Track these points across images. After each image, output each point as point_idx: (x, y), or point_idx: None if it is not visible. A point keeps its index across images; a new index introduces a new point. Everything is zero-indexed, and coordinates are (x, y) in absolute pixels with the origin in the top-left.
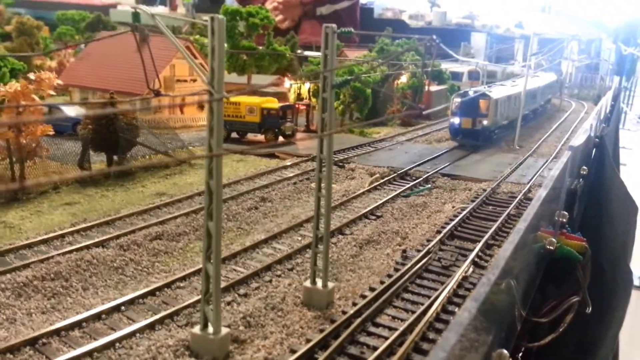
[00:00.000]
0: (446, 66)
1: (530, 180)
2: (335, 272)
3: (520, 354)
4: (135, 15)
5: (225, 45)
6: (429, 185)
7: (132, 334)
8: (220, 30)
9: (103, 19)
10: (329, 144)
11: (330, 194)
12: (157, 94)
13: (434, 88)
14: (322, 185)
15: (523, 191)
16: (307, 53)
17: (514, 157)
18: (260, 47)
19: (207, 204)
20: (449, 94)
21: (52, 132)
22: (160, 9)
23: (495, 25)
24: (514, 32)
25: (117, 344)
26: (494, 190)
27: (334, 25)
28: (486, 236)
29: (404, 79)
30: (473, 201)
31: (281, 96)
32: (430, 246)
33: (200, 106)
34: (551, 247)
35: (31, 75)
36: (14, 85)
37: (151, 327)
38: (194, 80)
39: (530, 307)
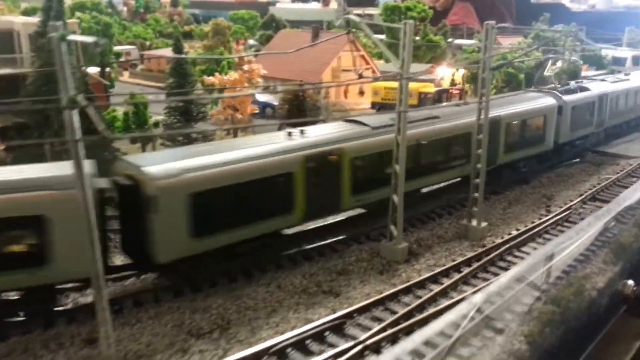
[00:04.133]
0: (608, 52)
1: None
2: (488, 219)
3: None
4: (347, 22)
5: (384, 37)
6: (577, 160)
7: (343, 243)
8: (409, 30)
9: (276, 18)
10: (486, 111)
11: (485, 152)
12: (360, 76)
13: (590, 73)
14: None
15: None
16: (458, 41)
17: None
18: (417, 38)
19: (395, 152)
20: None
21: (257, 111)
22: (313, 5)
23: None
24: None
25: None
26: None
27: (493, 22)
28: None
29: (559, 64)
30: (618, 173)
31: (434, 83)
32: (571, 204)
33: (361, 92)
34: None
35: (245, 67)
36: (234, 75)
37: (356, 239)
38: (357, 69)
39: None
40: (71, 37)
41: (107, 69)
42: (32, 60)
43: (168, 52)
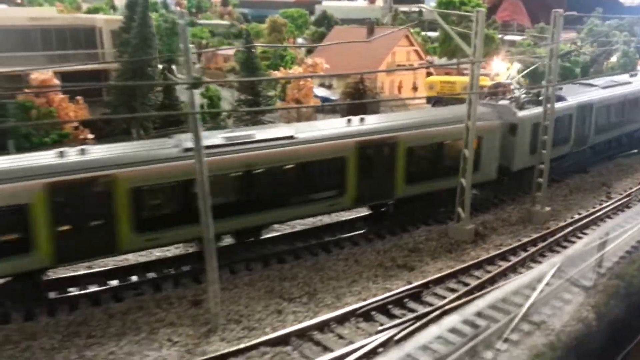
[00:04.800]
0: None
1: None
2: (550, 205)
3: None
4: (419, 13)
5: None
6: (636, 151)
7: (412, 224)
8: (481, 19)
9: (327, 15)
10: (552, 95)
11: (551, 138)
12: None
13: None
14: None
15: None
16: (508, 37)
17: None
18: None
19: (465, 138)
20: None
21: (319, 104)
22: (359, 3)
23: None
24: None
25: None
26: None
27: (561, 10)
28: None
29: (614, 58)
30: None
31: (489, 77)
32: (631, 191)
33: (414, 87)
34: None
35: (309, 61)
36: (298, 69)
37: (425, 222)
38: (411, 65)
39: None
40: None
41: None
42: (117, 55)
43: (227, 50)
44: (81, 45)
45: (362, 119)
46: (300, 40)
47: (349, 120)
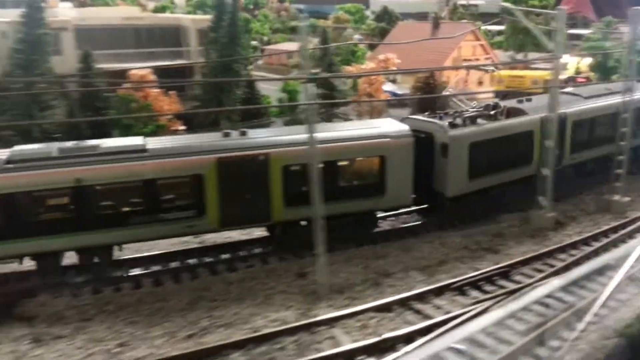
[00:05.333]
0: None
1: None
2: (629, 195)
3: None
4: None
5: (504, 26)
6: None
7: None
8: (562, 17)
9: (388, 10)
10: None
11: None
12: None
13: None
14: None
15: None
16: (572, 31)
17: None
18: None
19: (545, 130)
20: None
21: (389, 99)
22: None
23: None
24: None
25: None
26: None
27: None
28: None
29: None
30: None
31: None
32: None
33: (479, 82)
34: None
35: (381, 56)
36: (370, 64)
37: (509, 211)
38: (477, 59)
39: None
40: None
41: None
42: (204, 53)
43: (289, 46)
44: (167, 43)
45: (242, 132)
46: (357, 37)
47: (226, 134)
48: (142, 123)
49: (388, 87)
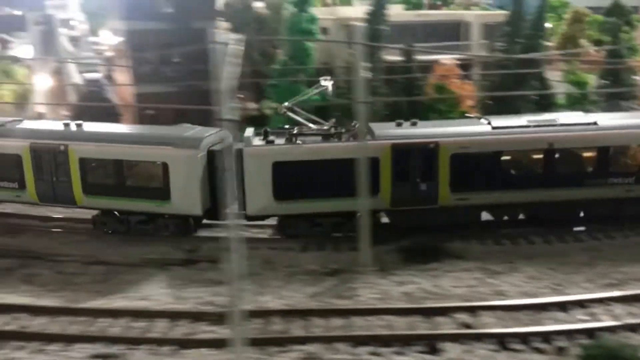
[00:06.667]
0: None
1: None
2: None
3: None
4: None
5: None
6: None
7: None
8: None
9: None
10: None
11: None
12: None
13: None
14: None
15: None
16: None
17: None
18: None
19: None
20: None
21: None
22: None
23: None
24: None
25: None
26: None
27: None
28: None
29: None
30: None
31: None
32: None
33: None
34: None
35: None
36: None
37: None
38: None
39: None
40: None
41: None
42: (489, 46)
43: None
44: (448, 37)
45: (78, 125)
46: None
47: (66, 125)
48: (449, 109)
49: None
